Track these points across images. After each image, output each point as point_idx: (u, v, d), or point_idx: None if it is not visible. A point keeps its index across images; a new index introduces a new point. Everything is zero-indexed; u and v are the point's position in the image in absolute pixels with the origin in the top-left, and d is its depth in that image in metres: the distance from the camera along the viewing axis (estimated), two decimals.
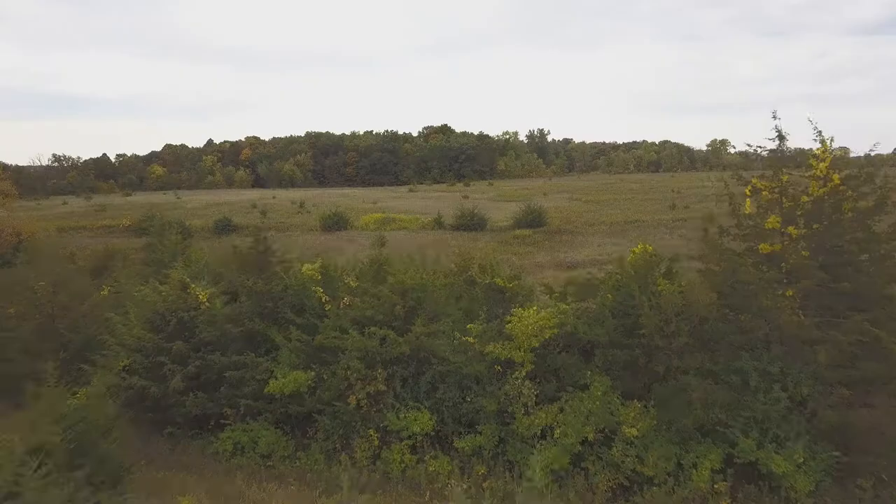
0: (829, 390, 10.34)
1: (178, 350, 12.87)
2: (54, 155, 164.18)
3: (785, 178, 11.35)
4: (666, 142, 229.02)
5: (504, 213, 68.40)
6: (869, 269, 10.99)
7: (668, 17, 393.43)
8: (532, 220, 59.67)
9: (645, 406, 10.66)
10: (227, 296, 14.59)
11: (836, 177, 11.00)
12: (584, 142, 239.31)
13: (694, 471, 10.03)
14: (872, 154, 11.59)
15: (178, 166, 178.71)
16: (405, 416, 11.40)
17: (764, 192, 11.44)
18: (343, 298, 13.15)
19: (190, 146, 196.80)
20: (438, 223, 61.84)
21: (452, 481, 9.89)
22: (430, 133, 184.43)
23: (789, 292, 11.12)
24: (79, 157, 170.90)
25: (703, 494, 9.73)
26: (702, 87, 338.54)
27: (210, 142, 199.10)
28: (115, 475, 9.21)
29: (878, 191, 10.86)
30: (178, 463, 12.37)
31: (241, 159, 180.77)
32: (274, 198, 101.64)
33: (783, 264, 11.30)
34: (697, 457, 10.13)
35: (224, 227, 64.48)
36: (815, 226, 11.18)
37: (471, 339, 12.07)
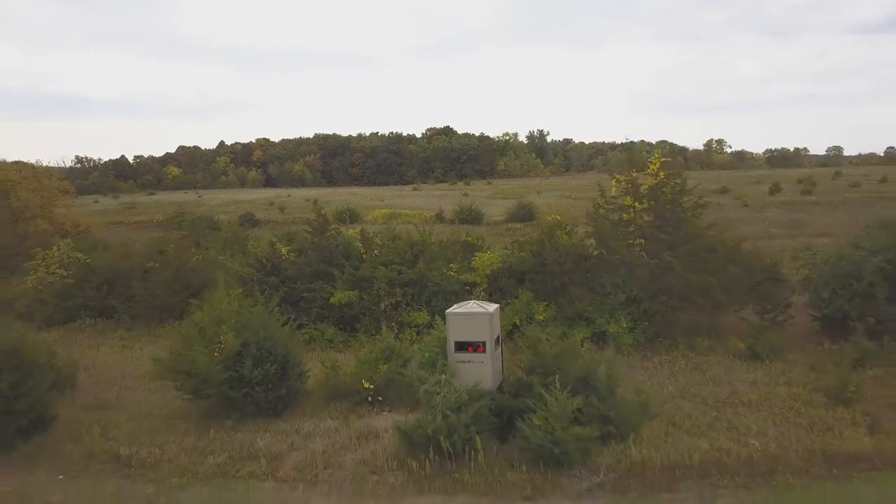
0: (653, 294, 18.37)
1: (272, 281, 21.03)
2: (77, 157, 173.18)
3: (634, 174, 19.42)
4: (663, 142, 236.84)
5: (500, 208, 76.16)
6: (681, 227, 19.03)
7: (668, 17, 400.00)
8: (523, 214, 67.19)
9: (548, 305, 18.72)
10: (295, 252, 22.81)
11: (661, 174, 19.04)
12: (583, 142, 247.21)
13: (573, 337, 18.05)
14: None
15: (192, 167, 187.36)
16: (413, 315, 19.49)
17: (623, 183, 19.51)
18: (374, 250, 21.29)
19: (202, 147, 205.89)
20: (440, 218, 69.72)
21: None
22: (433, 134, 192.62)
23: (637, 241, 19.21)
24: (99, 159, 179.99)
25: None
26: (702, 86, 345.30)
27: (222, 143, 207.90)
28: None
29: (682, 182, 18.93)
30: None
31: (253, 160, 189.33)
32: (289, 196, 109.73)
33: (633, 226, 19.38)
34: (575, 331, 18.13)
35: (247, 222, 72.64)
36: (651, 203, 19.23)
37: (452, 273, 20.21)
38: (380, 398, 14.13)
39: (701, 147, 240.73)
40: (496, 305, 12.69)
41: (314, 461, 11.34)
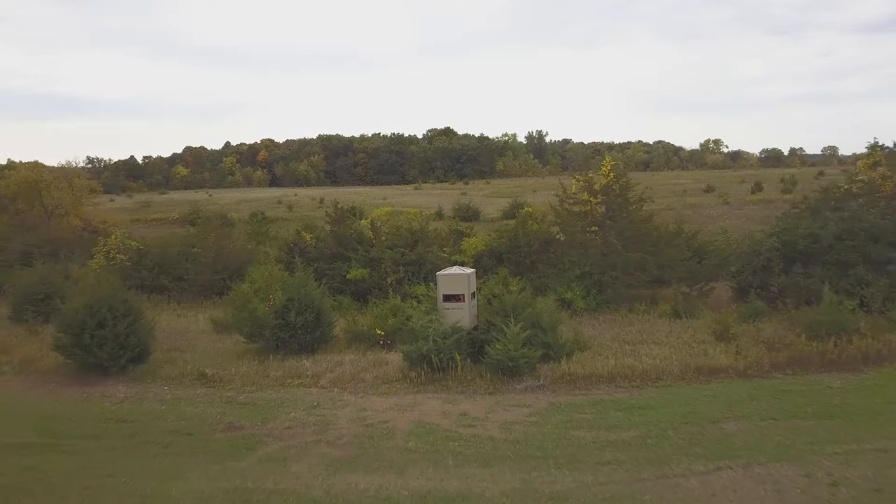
0: (602, 270, 23.20)
1: (299, 260, 25.89)
2: (88, 157, 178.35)
3: (590, 174, 24.28)
4: (660, 142, 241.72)
5: (495, 206, 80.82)
6: (627, 217, 23.87)
7: (670, 16, 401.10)
8: (516, 212, 72.23)
9: (521, 279, 23.54)
10: (316, 238, 27.72)
11: (612, 174, 23.88)
12: (582, 142, 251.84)
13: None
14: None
15: (199, 167, 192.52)
16: (413, 288, 24.32)
17: (581, 182, 24.37)
18: (382, 237, 26.19)
19: (208, 148, 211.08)
20: (439, 215, 74.56)
21: None
22: (434, 135, 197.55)
23: (592, 228, 24.07)
24: (110, 159, 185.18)
25: None
26: (702, 86, 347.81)
27: (228, 144, 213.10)
28: None
29: (628, 179, 23.78)
30: None
31: (259, 160, 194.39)
32: (296, 195, 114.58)
33: (589, 216, 24.24)
34: (541, 298, 22.98)
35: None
36: (603, 198, 24.08)
37: (444, 254, 25.09)
38: (389, 342, 18.98)
39: (697, 147, 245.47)
40: (472, 270, 17.60)
41: (344, 376, 16.23)
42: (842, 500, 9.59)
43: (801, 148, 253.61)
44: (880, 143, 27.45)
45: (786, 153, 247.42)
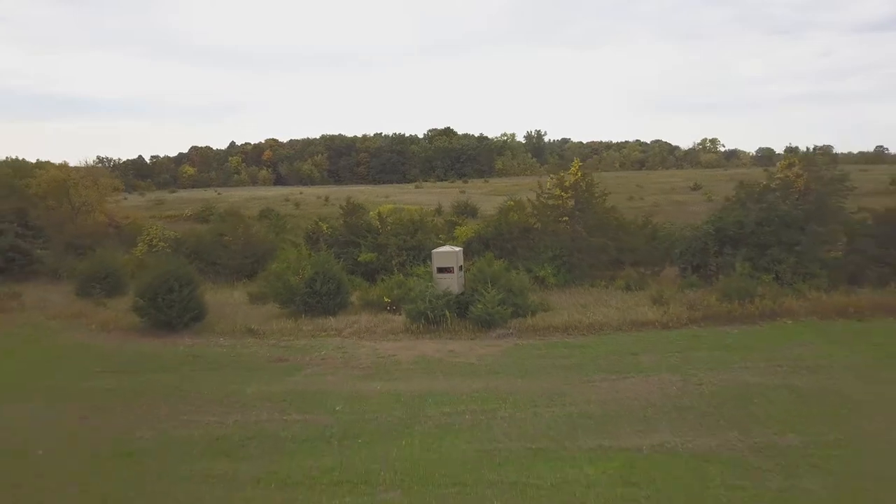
0: (570, 252, 27.95)
1: (323, 244, 30.69)
2: (98, 157, 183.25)
3: (561, 174, 29.03)
4: (657, 141, 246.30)
5: (493, 204, 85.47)
6: (592, 209, 28.61)
7: (670, 16, 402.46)
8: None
9: (503, 261, 28.31)
10: (331, 228, 32.53)
11: (580, 173, 28.62)
12: (580, 142, 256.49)
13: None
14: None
15: (206, 166, 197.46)
16: (414, 269, 29.10)
17: (554, 179, 29.11)
18: (387, 226, 30.96)
19: (214, 148, 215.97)
20: (439, 212, 79.24)
21: None
22: (434, 135, 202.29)
23: (563, 218, 28.82)
24: (119, 158, 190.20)
25: None
26: (703, 85, 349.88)
27: (233, 143, 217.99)
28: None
29: (592, 178, 28.51)
30: None
31: (263, 160, 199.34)
32: (301, 193, 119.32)
33: (561, 209, 28.99)
34: (514, 271, 27.73)
35: (268, 216, 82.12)
36: (572, 193, 28.82)
37: (440, 241, 29.85)
38: (394, 307, 23.71)
39: (692, 146, 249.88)
40: (461, 248, 22.39)
41: (360, 329, 21.01)
42: (702, 392, 14.36)
43: (796, 147, 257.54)
44: (794, 146, 31.74)
45: (781, 152, 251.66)
